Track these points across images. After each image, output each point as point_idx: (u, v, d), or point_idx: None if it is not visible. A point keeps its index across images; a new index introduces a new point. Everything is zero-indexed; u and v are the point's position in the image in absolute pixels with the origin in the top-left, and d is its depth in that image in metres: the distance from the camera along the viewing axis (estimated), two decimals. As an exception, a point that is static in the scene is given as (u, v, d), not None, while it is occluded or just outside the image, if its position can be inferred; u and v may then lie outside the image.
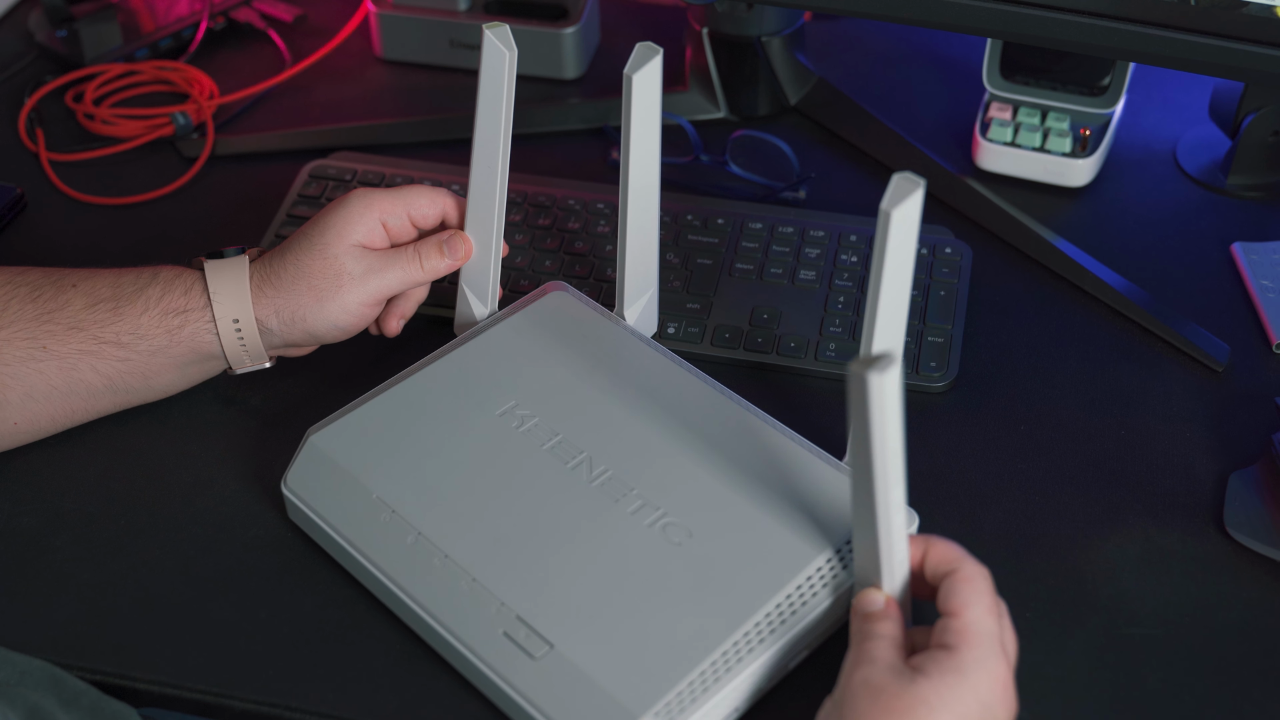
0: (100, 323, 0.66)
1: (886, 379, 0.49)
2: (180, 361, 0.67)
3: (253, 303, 0.67)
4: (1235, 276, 0.82)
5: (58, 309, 0.65)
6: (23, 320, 0.65)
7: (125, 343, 0.66)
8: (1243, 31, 0.70)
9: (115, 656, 0.62)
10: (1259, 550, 0.66)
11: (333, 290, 0.67)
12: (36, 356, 0.65)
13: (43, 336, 0.65)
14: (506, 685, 0.57)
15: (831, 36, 1.02)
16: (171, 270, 0.68)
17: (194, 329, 0.67)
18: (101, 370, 0.66)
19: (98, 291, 0.66)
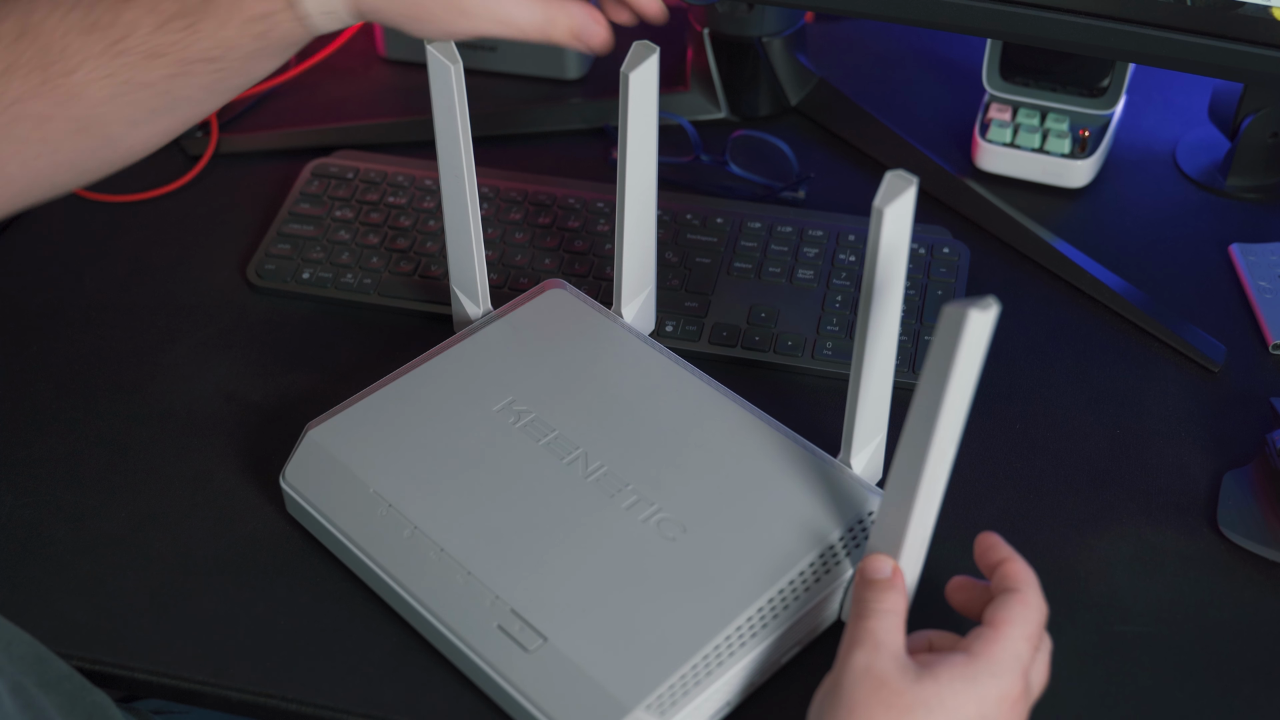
0: (180, 44, 0.57)
1: (986, 318, 0.49)
2: (280, 53, 0.59)
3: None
4: (1233, 277, 0.82)
5: (124, 35, 0.56)
6: (92, 57, 0.56)
7: (215, 57, 0.58)
8: (1239, 32, 0.71)
9: (113, 647, 0.62)
10: (1252, 549, 0.66)
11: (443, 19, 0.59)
12: (123, 92, 0.57)
13: (122, 71, 0.56)
14: (500, 678, 0.58)
15: (832, 37, 1.03)
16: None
17: (288, 29, 0.58)
18: (198, 84, 0.58)
19: (161, 6, 0.56)
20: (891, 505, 0.56)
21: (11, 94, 0.55)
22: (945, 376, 0.51)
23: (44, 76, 0.55)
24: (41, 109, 0.56)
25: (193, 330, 0.78)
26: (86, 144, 0.58)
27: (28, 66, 0.55)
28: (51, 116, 0.56)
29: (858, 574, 0.56)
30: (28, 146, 0.57)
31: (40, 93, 0.56)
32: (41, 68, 0.55)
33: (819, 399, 0.75)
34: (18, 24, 0.56)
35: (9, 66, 0.55)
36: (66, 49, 0.56)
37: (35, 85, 0.55)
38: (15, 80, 0.55)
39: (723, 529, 0.61)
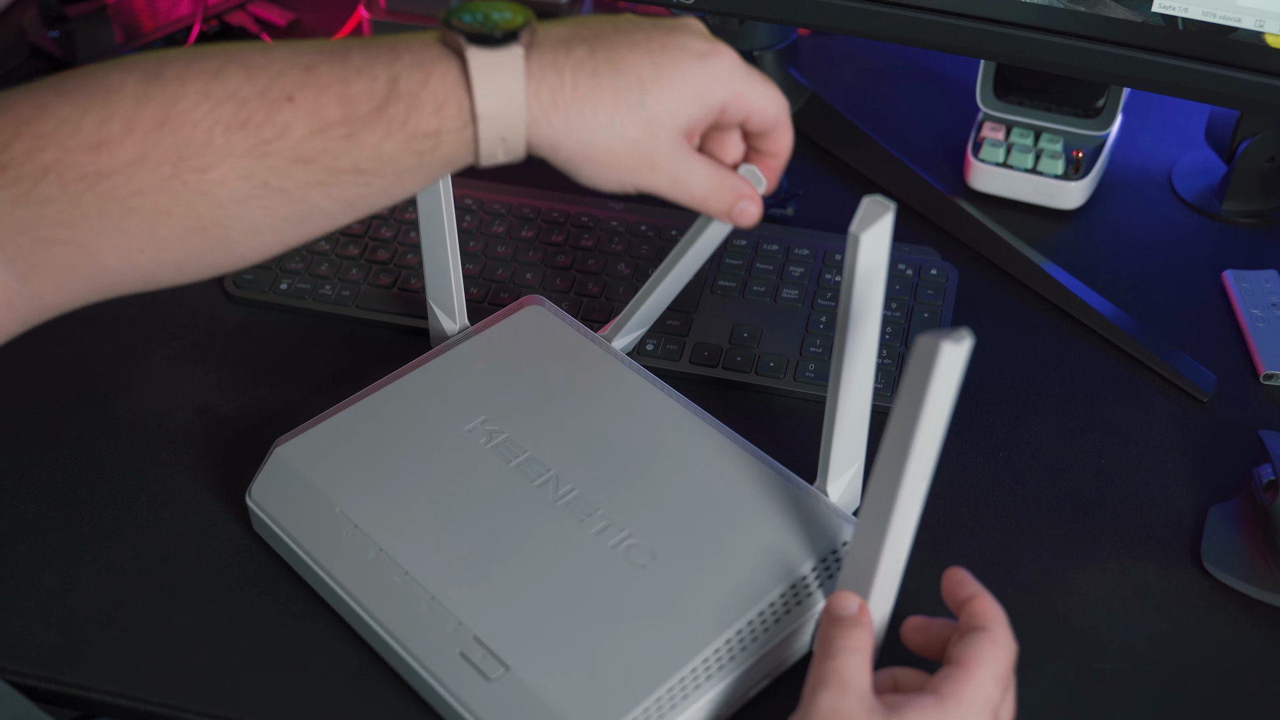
0: (333, 153, 0.51)
1: (959, 351, 0.48)
2: (431, 177, 0.54)
3: (527, 124, 0.52)
4: (1226, 304, 0.81)
5: (275, 137, 0.51)
6: (233, 155, 0.50)
7: (366, 169, 0.52)
8: (1231, 58, 0.69)
9: (72, 665, 0.61)
10: (1235, 586, 0.64)
11: (627, 169, 0.54)
12: (257, 195, 0.51)
13: (262, 173, 0.51)
14: (461, 706, 0.56)
15: (826, 52, 1.01)
16: (416, 72, 0.51)
17: (451, 150, 0.53)
18: (338, 197, 0.53)
19: (323, 112, 0.51)
20: (863, 537, 0.55)
21: (134, 185, 0.50)
22: (918, 408, 0.49)
23: (175, 170, 0.50)
24: (162, 204, 0.50)
25: (167, 340, 0.77)
26: (199, 245, 0.52)
27: (160, 158, 0.50)
28: (171, 213, 0.51)
29: (824, 611, 0.55)
30: (134, 240, 0.51)
31: (166, 187, 0.50)
32: (175, 161, 0.50)
33: (800, 422, 0.73)
34: (161, 110, 0.50)
35: (141, 156, 0.50)
36: (209, 144, 0.50)
37: (163, 179, 0.50)
38: (143, 171, 0.50)
39: (693, 557, 0.60)
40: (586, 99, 0.52)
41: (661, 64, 0.53)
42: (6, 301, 0.52)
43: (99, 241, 0.51)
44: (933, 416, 0.50)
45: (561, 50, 0.53)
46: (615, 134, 0.53)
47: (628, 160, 0.54)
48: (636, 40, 0.54)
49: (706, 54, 0.54)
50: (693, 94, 0.54)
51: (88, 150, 0.49)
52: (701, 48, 0.54)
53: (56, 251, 0.51)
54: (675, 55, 0.54)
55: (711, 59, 0.54)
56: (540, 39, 0.53)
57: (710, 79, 0.54)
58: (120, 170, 0.50)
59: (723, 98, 0.55)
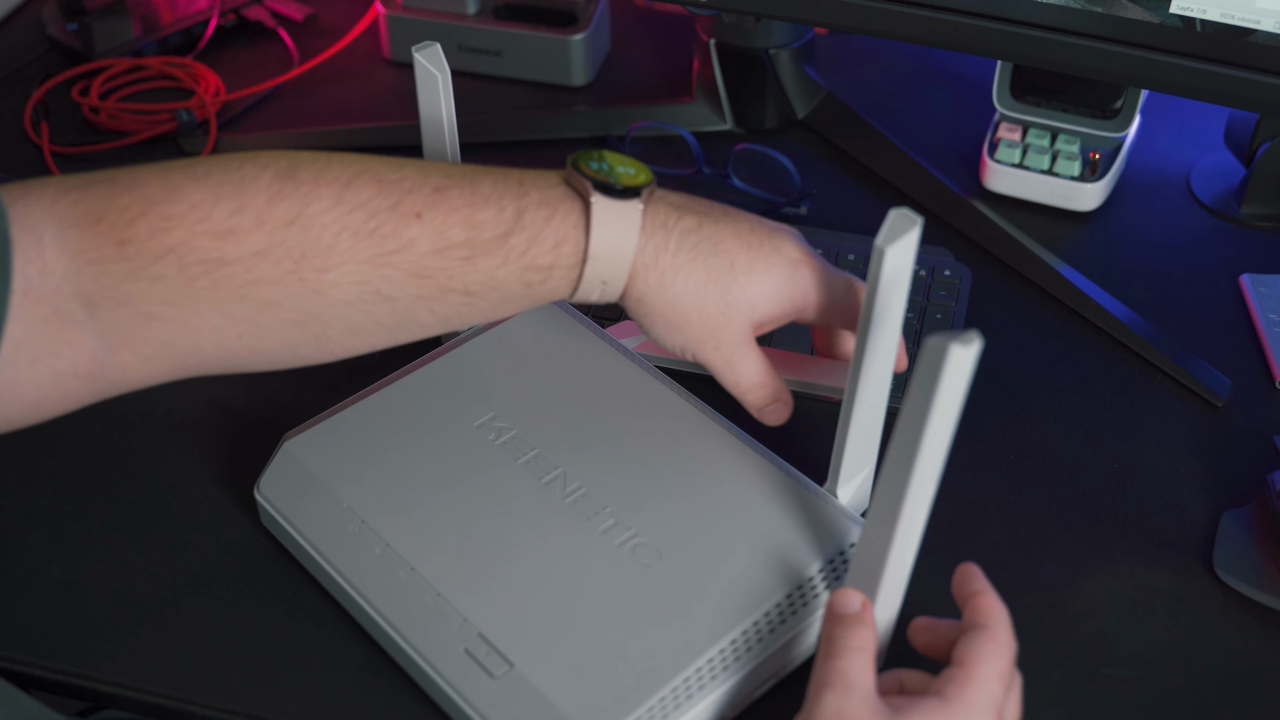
0: (449, 272, 0.54)
1: (968, 354, 0.48)
2: (528, 306, 0.58)
3: (629, 274, 0.56)
4: (1243, 309, 0.80)
5: (398, 250, 0.53)
6: (354, 261, 0.53)
7: (475, 291, 0.55)
8: (1250, 60, 0.69)
9: (80, 656, 0.62)
10: (1247, 593, 0.64)
11: (694, 339, 0.59)
12: (365, 300, 0.54)
13: (377, 281, 0.53)
14: (464, 703, 0.56)
15: (842, 51, 1.01)
16: (542, 208, 0.55)
17: (556, 285, 0.56)
18: (439, 312, 0.55)
19: (449, 233, 0.54)
20: (871, 538, 0.55)
21: (253, 275, 0.52)
22: (926, 410, 0.49)
23: (295, 268, 0.52)
24: (273, 295, 0.52)
25: (179, 333, 0.77)
26: (294, 337, 0.54)
27: (284, 254, 0.52)
28: (279, 305, 0.53)
29: (827, 609, 0.55)
30: (235, 326, 0.53)
31: (283, 281, 0.52)
32: (298, 258, 0.52)
33: (811, 424, 0.73)
34: (294, 209, 0.52)
35: (266, 249, 0.52)
36: (334, 248, 0.52)
37: (282, 274, 0.52)
38: (265, 264, 0.52)
39: (700, 557, 0.60)
40: (682, 266, 0.56)
41: (756, 259, 0.57)
42: (89, 370, 0.53)
43: (201, 323, 0.53)
44: (941, 418, 0.49)
45: (674, 215, 0.57)
46: (696, 305, 0.57)
47: (699, 332, 0.58)
48: (740, 230, 0.58)
49: (797, 262, 0.58)
50: (774, 293, 0.58)
51: (215, 237, 0.51)
52: (795, 255, 0.58)
53: (155, 328, 0.52)
54: (769, 255, 0.58)
55: (800, 267, 0.58)
56: (657, 199, 0.57)
57: (793, 286, 0.58)
58: (243, 260, 0.52)
59: (801, 305, 0.59)
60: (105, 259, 0.51)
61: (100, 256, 0.51)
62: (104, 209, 0.51)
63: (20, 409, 0.53)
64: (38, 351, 0.51)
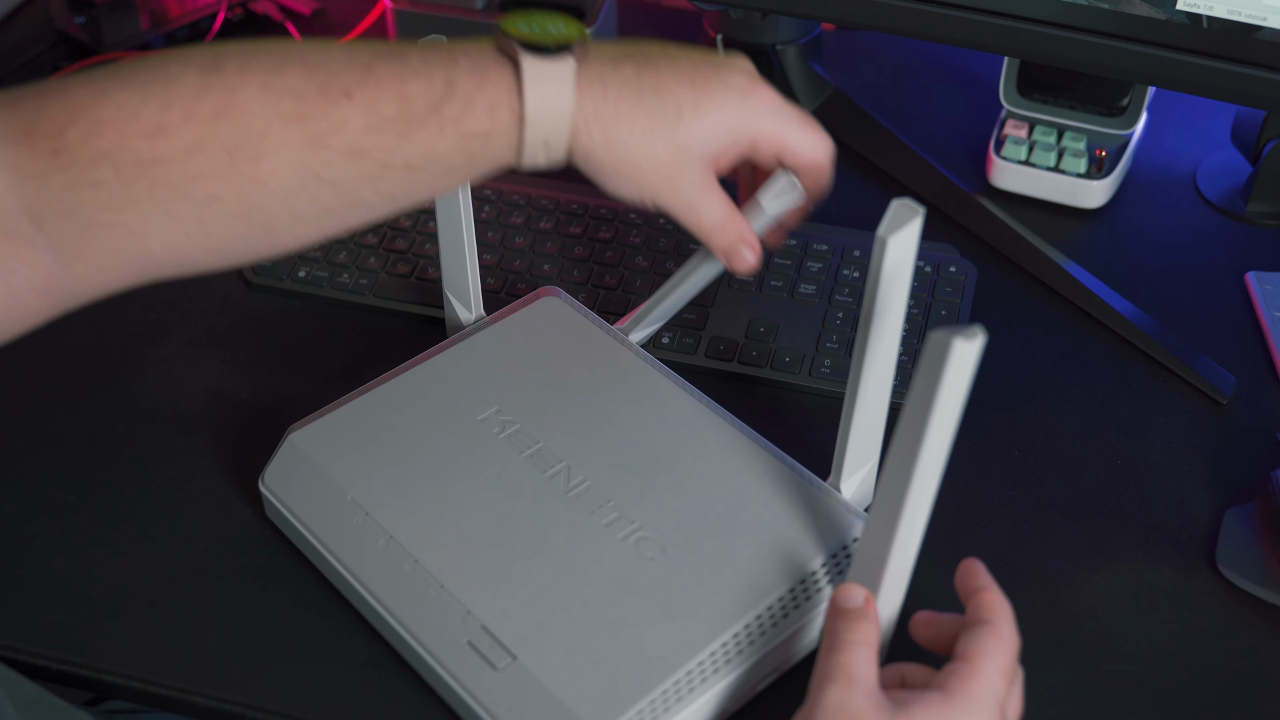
0: (386, 148, 0.53)
1: (971, 348, 0.48)
2: (474, 175, 0.56)
3: (570, 132, 0.55)
4: (1248, 306, 0.80)
5: (331, 131, 0.52)
6: (288, 147, 0.52)
7: (416, 165, 0.54)
8: (1256, 57, 0.69)
9: (84, 647, 0.62)
10: (1250, 590, 0.64)
11: (650, 186, 0.57)
12: (306, 185, 0.53)
13: (314, 164, 0.53)
14: (467, 695, 0.57)
15: (849, 47, 1.01)
16: (472, 75, 0.54)
17: (498, 151, 0.55)
18: (384, 191, 0.55)
19: (380, 108, 0.53)
20: (874, 533, 0.55)
21: (189, 171, 0.51)
22: (929, 405, 0.49)
23: (230, 159, 0.52)
24: (213, 190, 0.52)
25: (184, 326, 0.78)
26: (242, 231, 0.54)
27: (217, 146, 0.51)
28: (220, 199, 0.52)
29: (829, 604, 0.55)
30: (181, 225, 0.52)
31: (221, 174, 0.52)
32: (230, 149, 0.51)
33: (815, 418, 0.73)
34: (221, 101, 0.51)
35: (199, 144, 0.51)
36: (266, 135, 0.52)
37: (218, 166, 0.52)
38: (200, 159, 0.51)
39: (703, 550, 0.60)
40: (625, 116, 0.55)
41: (701, 95, 0.56)
42: (45, 285, 0.52)
43: (147, 226, 0.52)
44: (944, 413, 0.49)
45: (610, 67, 0.55)
46: (645, 153, 0.56)
47: (653, 179, 0.57)
48: (682, 69, 0.56)
49: (745, 91, 0.57)
50: (726, 127, 0.56)
51: (146, 136, 0.51)
52: (742, 84, 0.57)
53: (103, 235, 0.52)
54: (716, 89, 0.56)
55: (750, 96, 0.57)
56: (591, 54, 0.56)
57: (744, 116, 0.57)
58: (177, 156, 0.51)
59: (754, 135, 0.57)
60: (43, 171, 0.50)
61: (38, 169, 0.50)
62: (34, 121, 0.50)
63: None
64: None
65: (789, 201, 0.61)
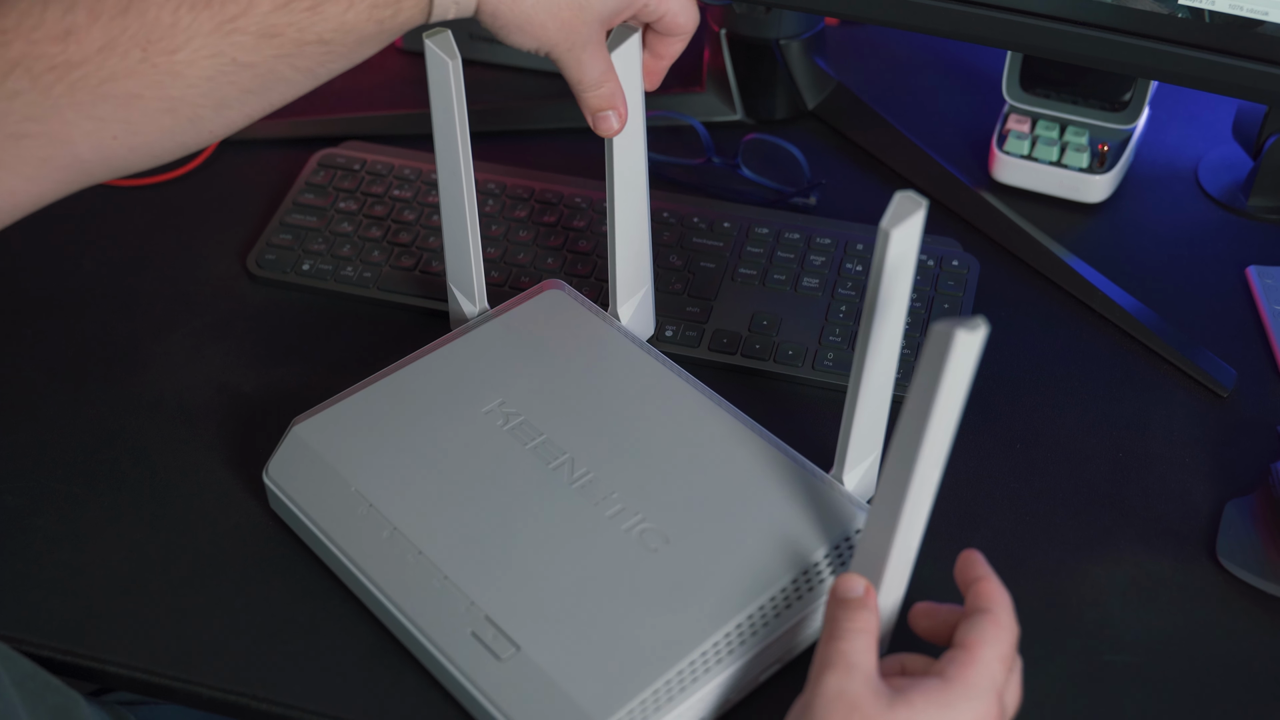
0: (298, 25, 0.54)
1: (974, 339, 0.48)
2: (391, 37, 0.58)
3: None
4: (1249, 300, 0.80)
5: (240, 14, 0.53)
6: (201, 35, 0.52)
7: (329, 39, 0.55)
8: (1258, 51, 0.69)
9: (86, 637, 0.62)
10: (1250, 581, 0.64)
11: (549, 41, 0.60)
12: (225, 71, 0.53)
13: (230, 50, 0.53)
14: (471, 685, 0.57)
15: (853, 42, 1.01)
16: None
17: (409, 15, 0.56)
18: (302, 66, 0.56)
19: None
20: (876, 524, 0.55)
21: (105, 72, 0.51)
22: (931, 396, 0.49)
23: (144, 54, 0.51)
24: (133, 88, 0.52)
25: (189, 319, 0.78)
26: (169, 125, 0.54)
27: (129, 43, 0.51)
28: (141, 96, 0.52)
29: (830, 593, 0.55)
30: (107, 127, 0.53)
31: (136, 71, 0.51)
32: (143, 45, 0.51)
33: (817, 410, 0.73)
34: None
35: (109, 42, 0.51)
36: (175, 25, 0.52)
37: (133, 63, 0.51)
38: (112, 57, 0.51)
39: (706, 542, 0.60)
40: None
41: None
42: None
43: (71, 131, 0.52)
44: (947, 404, 0.50)
45: None
46: (549, 10, 0.59)
47: (553, 33, 0.60)
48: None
49: None
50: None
51: (55, 40, 0.51)
52: None
53: (28, 145, 0.52)
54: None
55: None
56: None
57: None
58: (90, 58, 0.51)
59: None
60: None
61: None
62: None
63: None
64: None
65: None
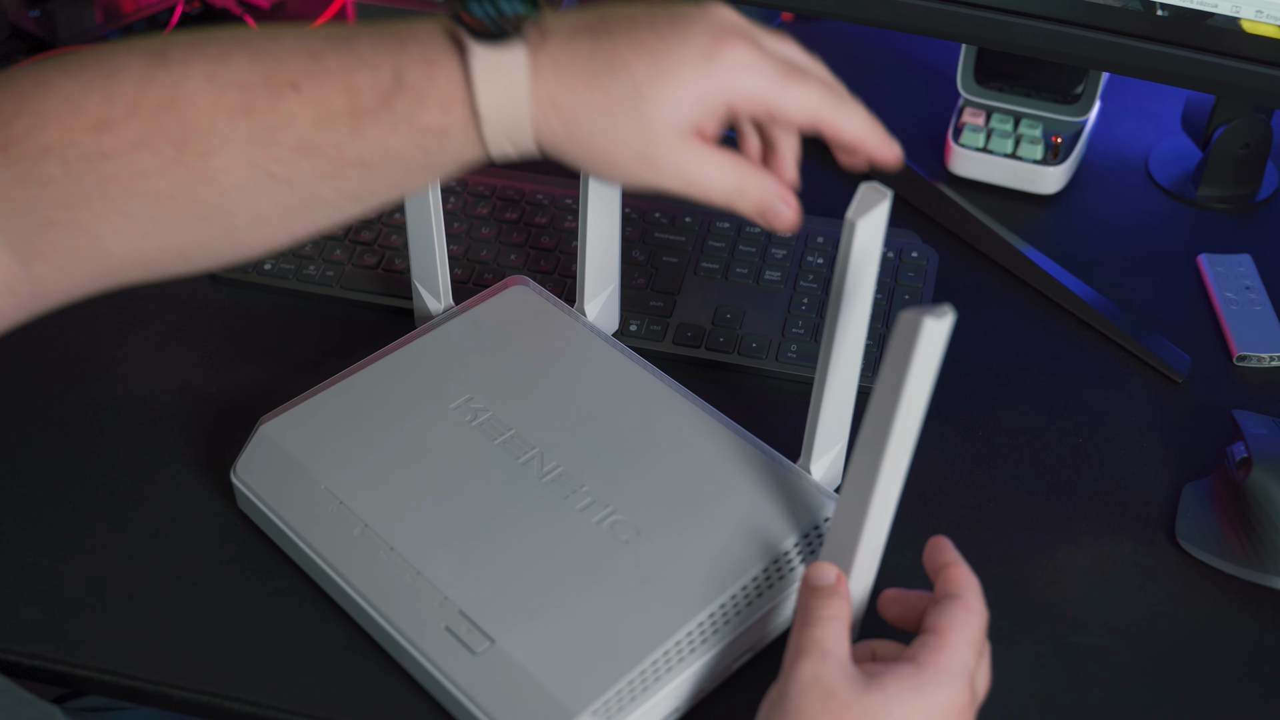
0: (338, 144, 0.50)
1: (941, 326, 0.48)
2: (443, 173, 0.52)
3: (532, 124, 0.50)
4: (1200, 288, 0.82)
5: (279, 125, 0.49)
6: (236, 142, 0.49)
7: (370, 163, 0.50)
8: (1208, 43, 0.70)
9: (56, 642, 0.62)
10: (1208, 562, 0.66)
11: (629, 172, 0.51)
12: (261, 183, 0.50)
13: (266, 161, 0.50)
14: (446, 680, 0.57)
15: (808, 38, 1.01)
16: (422, 65, 0.49)
17: (460, 150, 0.51)
18: (344, 190, 0.51)
19: (327, 100, 0.49)
20: (845, 512, 0.56)
21: (137, 167, 0.49)
22: (900, 384, 0.50)
23: (178, 154, 0.49)
24: (164, 187, 0.50)
25: (151, 320, 0.77)
26: (203, 232, 0.51)
27: (163, 141, 0.49)
28: (173, 197, 0.50)
29: (802, 581, 0.56)
30: (137, 224, 0.51)
31: (169, 171, 0.49)
32: (178, 145, 0.49)
33: (782, 402, 0.74)
34: (165, 93, 0.49)
35: (144, 138, 0.49)
36: (212, 130, 0.49)
37: (166, 162, 0.49)
38: (145, 154, 0.49)
39: (676, 533, 0.60)
40: (581, 101, 0.50)
41: (659, 64, 0.49)
42: (7, 286, 0.51)
43: (101, 225, 0.50)
44: (915, 392, 0.50)
45: (566, 47, 0.50)
46: (610, 138, 0.50)
47: (627, 164, 0.51)
48: (639, 35, 0.50)
49: (710, 51, 0.49)
50: (693, 96, 0.50)
51: (90, 130, 0.49)
52: (705, 44, 0.50)
53: (58, 233, 0.50)
54: (676, 54, 0.49)
55: (715, 55, 0.49)
56: (550, 31, 0.50)
57: (712, 80, 0.50)
58: (123, 151, 0.49)
59: (728, 99, 0.50)
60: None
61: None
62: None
63: None
64: None
65: None
